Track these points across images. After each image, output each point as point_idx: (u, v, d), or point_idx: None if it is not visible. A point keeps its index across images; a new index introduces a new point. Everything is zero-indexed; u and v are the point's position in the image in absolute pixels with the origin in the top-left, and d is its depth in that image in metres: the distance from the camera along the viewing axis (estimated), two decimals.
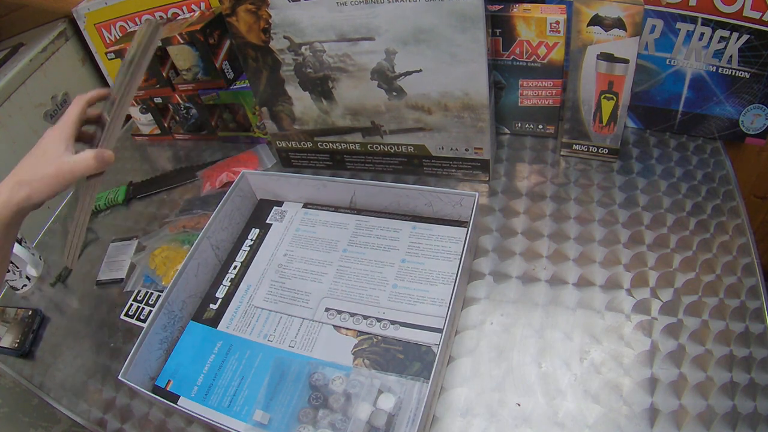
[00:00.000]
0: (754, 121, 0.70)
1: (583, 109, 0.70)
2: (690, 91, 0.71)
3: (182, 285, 0.62)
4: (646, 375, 0.52)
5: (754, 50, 0.64)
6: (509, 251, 0.66)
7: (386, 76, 0.66)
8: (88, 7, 1.01)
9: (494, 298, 0.61)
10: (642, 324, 0.56)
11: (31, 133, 1.01)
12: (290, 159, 0.84)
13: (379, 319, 0.60)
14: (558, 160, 0.76)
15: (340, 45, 0.65)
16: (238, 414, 0.55)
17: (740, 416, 0.48)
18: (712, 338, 0.53)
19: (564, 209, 0.69)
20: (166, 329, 0.61)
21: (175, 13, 0.96)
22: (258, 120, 0.88)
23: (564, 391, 0.52)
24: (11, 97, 0.97)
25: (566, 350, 0.55)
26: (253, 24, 0.67)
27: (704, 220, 0.64)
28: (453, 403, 0.53)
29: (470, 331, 0.59)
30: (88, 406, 0.63)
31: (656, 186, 0.69)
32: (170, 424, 0.59)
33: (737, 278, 0.58)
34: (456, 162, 0.74)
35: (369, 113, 0.72)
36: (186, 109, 0.94)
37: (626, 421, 0.49)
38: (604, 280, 0.60)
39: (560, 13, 0.66)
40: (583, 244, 0.64)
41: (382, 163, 0.79)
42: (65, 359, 0.68)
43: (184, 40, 0.81)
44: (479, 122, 0.67)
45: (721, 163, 0.71)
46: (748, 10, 0.61)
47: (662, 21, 0.66)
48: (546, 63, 0.71)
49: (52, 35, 1.06)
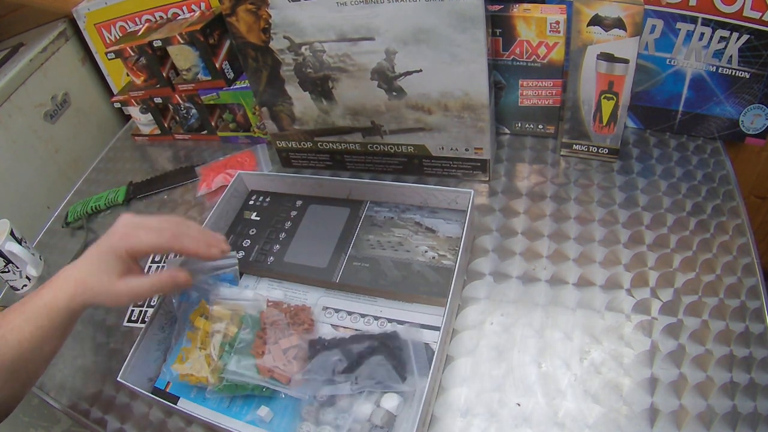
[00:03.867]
0: (754, 121, 0.70)
1: (583, 109, 0.70)
2: (690, 91, 0.71)
3: None
4: (646, 375, 0.52)
5: (754, 50, 0.64)
6: (509, 251, 0.66)
7: (386, 76, 0.66)
8: (88, 7, 1.01)
9: (494, 298, 0.61)
10: (642, 324, 0.56)
11: (31, 133, 1.01)
12: (290, 159, 0.84)
13: (377, 317, 0.60)
14: (558, 160, 0.76)
15: (340, 45, 0.65)
16: (238, 414, 0.55)
17: (740, 416, 0.48)
18: (712, 338, 0.53)
19: (564, 209, 0.69)
20: (164, 330, 0.61)
21: (175, 13, 0.96)
22: (258, 120, 0.88)
23: (564, 391, 0.52)
24: (11, 97, 0.97)
25: (566, 350, 0.55)
26: (253, 24, 0.67)
27: (704, 220, 0.64)
28: (453, 403, 0.53)
29: (470, 331, 0.59)
30: (88, 406, 0.63)
31: (656, 186, 0.69)
32: (170, 425, 0.59)
33: (737, 278, 0.58)
34: (456, 162, 0.74)
35: (369, 113, 0.72)
36: (186, 109, 0.94)
37: (626, 421, 0.49)
38: (604, 280, 0.60)
39: (560, 13, 0.66)
40: (583, 244, 0.64)
41: (382, 163, 0.79)
42: (65, 359, 0.68)
43: (184, 40, 0.81)
44: (479, 122, 0.67)
45: (721, 163, 0.71)
46: (748, 10, 0.61)
47: (662, 21, 0.66)
48: (546, 63, 0.71)
49: (52, 35, 1.06)
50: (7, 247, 0.75)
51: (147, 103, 0.95)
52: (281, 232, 0.69)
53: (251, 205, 0.75)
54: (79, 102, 1.11)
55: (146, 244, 0.52)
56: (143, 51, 0.85)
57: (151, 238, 0.52)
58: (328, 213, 0.70)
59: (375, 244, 0.65)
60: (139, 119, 1.00)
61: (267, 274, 0.67)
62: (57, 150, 1.07)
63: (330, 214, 0.70)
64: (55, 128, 1.06)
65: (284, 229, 0.70)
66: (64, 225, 0.89)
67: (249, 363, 0.54)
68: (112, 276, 0.50)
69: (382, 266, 0.62)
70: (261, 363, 0.54)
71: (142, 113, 0.98)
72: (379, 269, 0.62)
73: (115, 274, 0.50)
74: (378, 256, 0.63)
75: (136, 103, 0.95)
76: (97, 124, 1.16)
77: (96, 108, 1.16)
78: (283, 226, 0.70)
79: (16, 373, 0.47)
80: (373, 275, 0.62)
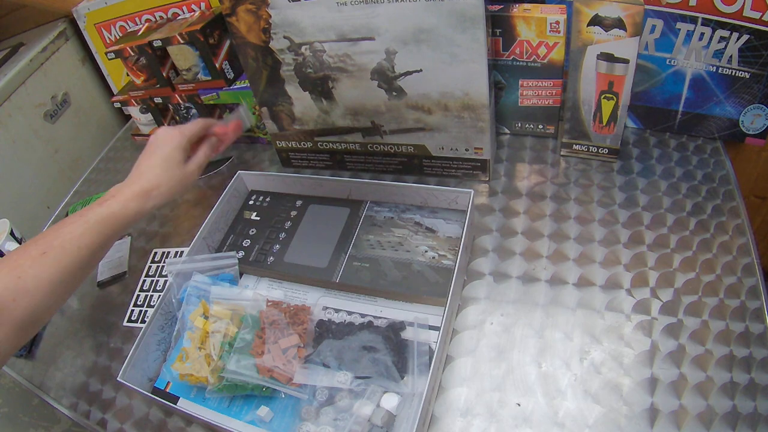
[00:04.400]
0: (754, 121, 0.70)
1: (583, 109, 0.70)
2: (690, 91, 0.71)
3: (179, 285, 0.62)
4: (646, 375, 0.52)
5: (754, 50, 0.64)
6: (509, 251, 0.66)
7: (386, 76, 0.66)
8: (88, 7, 1.01)
9: (494, 298, 0.61)
10: (642, 324, 0.56)
11: (31, 133, 1.01)
12: (290, 159, 0.84)
13: (377, 317, 0.60)
14: (558, 160, 0.76)
15: (340, 45, 0.65)
16: (238, 414, 0.55)
17: (740, 416, 0.48)
18: (712, 338, 0.53)
19: (564, 209, 0.69)
20: (164, 330, 0.61)
21: (175, 13, 0.96)
22: (258, 120, 0.88)
23: (564, 391, 0.52)
24: (11, 97, 0.97)
25: (566, 350, 0.55)
26: (253, 24, 0.67)
27: (704, 220, 0.64)
28: (453, 403, 0.53)
29: (470, 331, 0.59)
30: (88, 406, 0.63)
31: (656, 186, 0.69)
32: (170, 425, 0.59)
33: (737, 278, 0.58)
34: (456, 162, 0.74)
35: (369, 113, 0.72)
36: (186, 109, 0.94)
37: (626, 421, 0.49)
38: (604, 280, 0.60)
39: (560, 13, 0.66)
40: (583, 244, 0.64)
41: (382, 163, 0.79)
42: (65, 359, 0.68)
43: (184, 40, 0.81)
44: (479, 122, 0.67)
45: (721, 163, 0.71)
46: (748, 10, 0.61)
47: (662, 21, 0.66)
48: (546, 63, 0.71)
49: (52, 35, 1.05)
50: (7, 247, 0.75)
51: (147, 103, 0.95)
52: (281, 232, 0.69)
53: (251, 205, 0.75)
54: (79, 102, 1.11)
55: (196, 127, 0.61)
56: (143, 51, 0.85)
57: (193, 125, 0.61)
58: (328, 213, 0.70)
59: (375, 244, 0.65)
60: (139, 119, 1.00)
61: (267, 274, 0.67)
62: (57, 150, 1.07)
63: (330, 214, 0.70)
64: (55, 128, 1.06)
65: (284, 229, 0.70)
66: None
67: (248, 363, 0.54)
68: (181, 166, 0.58)
69: (382, 266, 0.62)
70: (260, 363, 0.54)
71: (142, 113, 0.98)
72: (379, 269, 0.62)
73: (183, 163, 0.58)
74: (378, 256, 0.63)
75: (136, 103, 0.95)
76: (97, 124, 1.16)
77: (96, 108, 1.16)
78: (283, 226, 0.70)
79: (65, 283, 0.49)
80: (373, 275, 0.62)
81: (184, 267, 0.63)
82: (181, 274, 0.63)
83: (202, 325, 0.57)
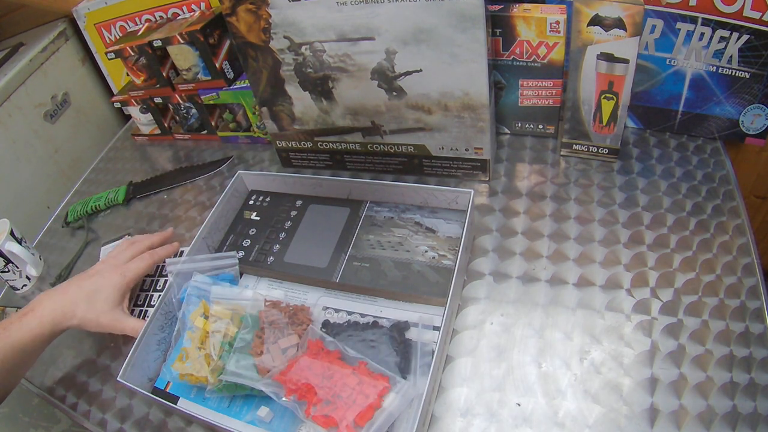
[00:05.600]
0: (754, 121, 0.70)
1: (583, 109, 0.70)
2: (690, 91, 0.71)
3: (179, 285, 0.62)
4: (646, 375, 0.52)
5: (754, 50, 0.64)
6: (509, 251, 0.66)
7: (386, 76, 0.66)
8: (88, 7, 1.01)
9: (494, 298, 0.61)
10: (642, 324, 0.56)
11: (31, 133, 1.01)
12: (290, 159, 0.84)
13: (377, 317, 0.60)
14: (558, 160, 0.76)
15: (340, 45, 0.65)
16: (238, 414, 0.55)
17: (740, 416, 0.48)
18: (712, 338, 0.53)
19: (564, 209, 0.69)
20: (164, 329, 0.61)
21: (175, 13, 0.96)
22: (258, 120, 0.88)
23: (564, 391, 0.52)
24: (11, 97, 0.97)
25: (566, 350, 0.55)
26: (253, 24, 0.67)
27: (704, 220, 0.64)
28: (453, 403, 0.53)
29: (470, 330, 0.59)
30: (88, 406, 0.63)
31: (656, 186, 0.69)
32: (170, 425, 0.59)
33: (737, 278, 0.58)
34: (456, 162, 0.74)
35: (369, 113, 0.72)
36: (186, 109, 0.94)
37: (626, 421, 0.49)
38: (604, 280, 0.60)
39: (560, 13, 0.66)
40: (583, 244, 0.64)
41: (382, 163, 0.79)
42: (65, 359, 0.68)
43: (184, 40, 0.81)
44: (479, 122, 0.67)
45: (721, 163, 0.71)
46: (748, 10, 0.61)
47: (662, 21, 0.66)
48: (546, 63, 0.71)
49: (52, 35, 1.06)
50: (7, 247, 0.75)
51: (147, 103, 0.95)
52: (281, 232, 0.69)
53: (251, 205, 0.75)
54: (79, 102, 1.12)
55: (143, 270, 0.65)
56: (143, 51, 0.85)
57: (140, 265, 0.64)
58: (328, 213, 0.70)
59: (375, 244, 0.65)
60: (139, 119, 1.00)
61: (267, 274, 0.67)
62: (57, 150, 1.07)
63: (330, 214, 0.70)
64: (55, 128, 1.06)
65: (284, 229, 0.70)
66: (64, 225, 0.89)
67: (248, 363, 0.54)
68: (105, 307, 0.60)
69: (382, 266, 0.62)
70: (260, 363, 0.54)
71: (142, 113, 0.98)
72: (379, 269, 0.62)
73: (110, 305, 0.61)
74: (378, 256, 0.63)
75: (136, 103, 0.95)
76: (97, 124, 1.16)
77: (96, 108, 1.16)
78: (283, 226, 0.70)
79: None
80: (373, 275, 0.62)
81: (185, 267, 0.63)
82: (181, 274, 0.63)
83: (202, 325, 0.57)
